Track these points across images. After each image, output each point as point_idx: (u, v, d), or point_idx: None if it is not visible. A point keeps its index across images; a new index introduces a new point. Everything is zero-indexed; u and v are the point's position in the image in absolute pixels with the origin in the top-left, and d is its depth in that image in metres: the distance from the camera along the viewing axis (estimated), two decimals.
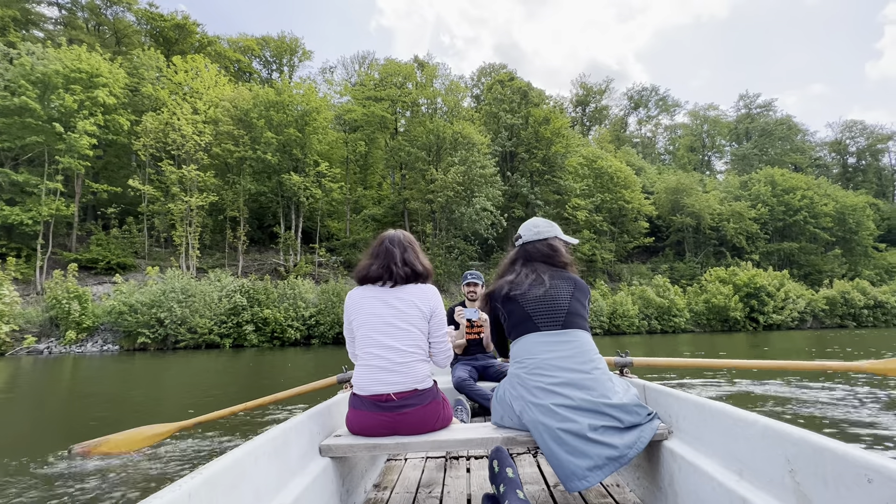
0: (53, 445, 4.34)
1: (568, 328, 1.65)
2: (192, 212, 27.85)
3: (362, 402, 1.70)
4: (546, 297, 1.70)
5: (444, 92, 38.48)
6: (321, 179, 30.82)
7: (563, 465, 1.43)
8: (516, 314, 1.74)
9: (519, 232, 1.97)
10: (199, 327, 20.27)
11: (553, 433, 1.48)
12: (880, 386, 6.44)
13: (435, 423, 1.74)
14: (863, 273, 39.11)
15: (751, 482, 1.20)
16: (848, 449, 0.93)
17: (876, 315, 33.44)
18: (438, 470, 2.25)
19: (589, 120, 64.79)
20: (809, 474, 1.02)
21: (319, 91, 37.85)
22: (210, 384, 9.18)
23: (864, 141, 61.30)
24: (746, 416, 1.26)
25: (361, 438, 1.69)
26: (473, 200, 32.02)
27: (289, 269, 30.00)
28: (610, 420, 1.48)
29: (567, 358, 1.60)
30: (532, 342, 1.67)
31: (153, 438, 1.99)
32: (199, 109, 28.54)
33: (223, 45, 41.85)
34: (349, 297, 1.84)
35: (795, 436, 1.07)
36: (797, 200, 41.41)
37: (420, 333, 1.77)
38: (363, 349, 1.74)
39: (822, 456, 0.98)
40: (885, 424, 4.31)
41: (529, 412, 1.57)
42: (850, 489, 0.91)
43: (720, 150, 64.59)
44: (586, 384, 1.56)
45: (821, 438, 1.01)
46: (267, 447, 1.31)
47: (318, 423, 1.74)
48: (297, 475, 1.47)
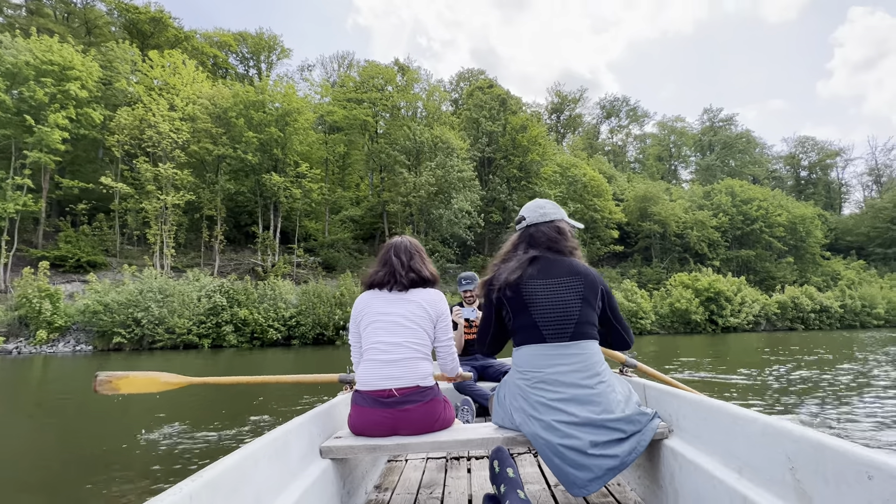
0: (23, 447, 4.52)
1: (576, 339, 1.59)
2: (167, 210, 27.41)
3: (364, 398, 1.73)
4: (556, 303, 1.62)
5: (425, 97, 39.12)
6: (301, 180, 30.86)
7: (565, 475, 1.44)
8: (522, 319, 1.65)
9: (522, 213, 1.84)
10: (178, 327, 20.14)
11: (554, 449, 1.46)
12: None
13: (435, 423, 1.75)
14: (811, 280, 42.06)
15: (751, 480, 1.20)
16: (848, 446, 0.93)
17: (822, 319, 36.14)
18: (439, 470, 2.25)
19: (563, 127, 66.71)
20: (810, 472, 1.01)
21: (300, 91, 37.79)
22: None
23: (815, 156, 65.69)
24: (746, 415, 1.26)
25: (362, 439, 1.71)
26: (452, 202, 32.70)
27: (267, 269, 29.89)
28: (612, 434, 1.47)
29: (572, 372, 1.56)
30: (537, 354, 1.61)
31: (167, 385, 2.11)
32: (177, 106, 28.12)
33: (199, 41, 41.08)
34: (358, 301, 1.89)
35: (796, 433, 1.06)
36: (754, 210, 44.16)
37: (425, 333, 1.81)
38: (368, 345, 1.79)
39: (822, 453, 0.98)
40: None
41: (530, 426, 1.55)
42: (850, 486, 0.91)
43: (686, 161, 67.73)
44: (590, 399, 1.52)
45: (821, 436, 1.00)
46: (267, 449, 1.31)
47: (318, 425, 1.75)
48: (298, 477, 1.47)
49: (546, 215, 1.78)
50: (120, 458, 4.10)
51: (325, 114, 36.04)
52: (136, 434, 4.73)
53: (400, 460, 2.46)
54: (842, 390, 6.60)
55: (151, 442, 4.48)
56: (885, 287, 41.16)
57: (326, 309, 23.14)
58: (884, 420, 4.74)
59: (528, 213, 1.81)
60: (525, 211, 1.83)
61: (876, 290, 39.62)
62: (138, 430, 4.89)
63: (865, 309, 37.42)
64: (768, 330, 34.52)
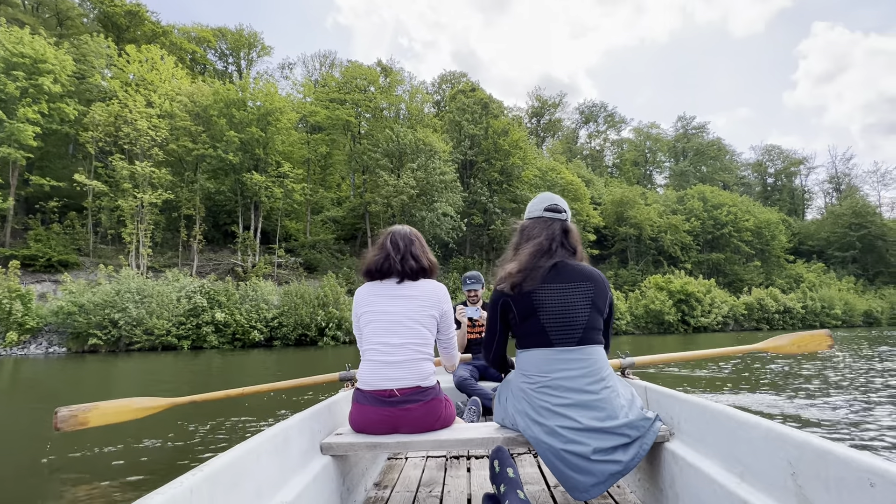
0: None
1: (583, 344, 1.58)
2: (143, 209, 26.84)
3: (365, 397, 1.72)
4: (565, 307, 1.59)
5: (408, 99, 39.36)
6: (283, 180, 30.65)
7: (567, 480, 1.43)
8: (530, 323, 1.62)
9: (556, 204, 1.75)
10: (157, 329, 19.82)
11: (557, 453, 1.46)
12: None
13: (436, 422, 1.74)
14: (776, 282, 44.16)
15: (752, 485, 1.20)
16: (850, 452, 0.92)
17: (785, 319, 38.06)
18: (439, 469, 2.25)
19: (543, 131, 67.97)
20: (811, 477, 1.01)
21: (282, 90, 37.51)
22: (166, 388, 8.79)
23: (781, 164, 68.86)
24: (748, 419, 1.26)
25: (362, 437, 1.70)
26: (434, 205, 33.03)
27: (247, 269, 29.56)
28: (616, 440, 1.46)
29: (578, 378, 1.55)
30: (543, 358, 1.59)
31: (144, 411, 1.89)
32: (154, 103, 27.56)
33: (178, 36, 40.24)
34: (357, 294, 1.86)
35: (797, 439, 1.06)
36: (724, 216, 46.06)
37: (427, 332, 1.80)
38: (369, 345, 1.77)
39: (824, 459, 0.97)
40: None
41: (533, 430, 1.53)
42: (852, 493, 0.90)
43: (660, 166, 69.88)
44: (595, 405, 1.51)
45: (823, 442, 1.00)
46: (268, 444, 1.32)
47: (319, 421, 1.75)
48: (298, 473, 1.47)
49: (559, 207, 1.73)
50: (101, 469, 3.84)
51: (307, 114, 35.86)
52: (114, 446, 4.27)
53: (400, 458, 2.45)
54: (800, 382, 7.24)
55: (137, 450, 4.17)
56: (842, 289, 43.60)
57: (309, 310, 23.12)
58: (818, 404, 5.33)
59: (565, 206, 1.76)
60: (560, 202, 1.75)
61: (834, 291, 41.95)
62: (121, 439, 4.48)
63: (825, 310, 39.60)
64: (736, 330, 36.13)
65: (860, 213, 52.00)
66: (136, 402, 1.90)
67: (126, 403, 1.88)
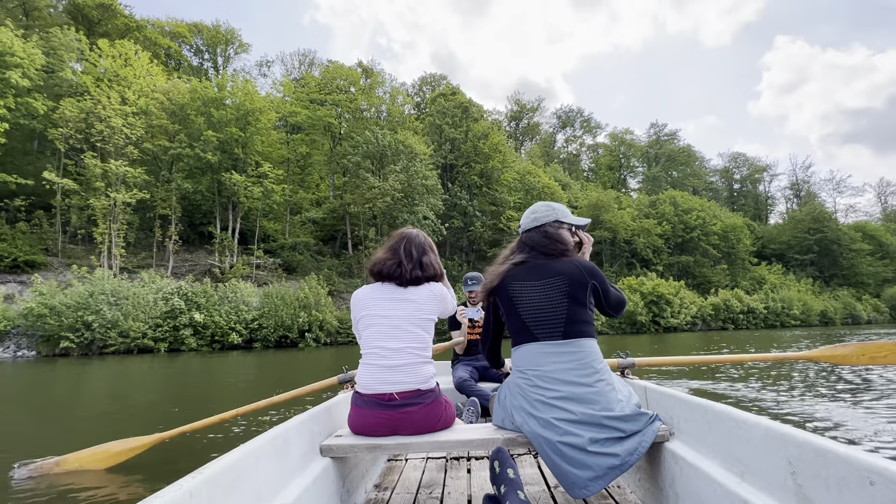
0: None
1: (569, 338, 1.62)
2: (116, 208, 26.15)
3: (365, 400, 1.72)
4: (542, 303, 1.65)
5: (389, 101, 39.53)
6: (263, 180, 30.36)
7: (565, 475, 1.43)
8: (514, 320, 1.71)
9: (522, 221, 1.89)
10: (133, 331, 19.44)
11: (553, 446, 1.47)
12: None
13: (436, 424, 1.74)
14: (741, 284, 46.31)
15: (752, 484, 1.20)
16: (850, 451, 0.93)
17: (749, 319, 40.02)
18: (439, 470, 2.25)
19: (522, 134, 69.16)
20: (811, 476, 1.01)
21: (261, 89, 37.10)
22: (140, 393, 8.44)
23: (746, 170, 72.15)
24: (748, 418, 1.26)
25: (362, 438, 1.70)
26: (416, 208, 33.32)
27: (224, 270, 29.16)
28: (612, 432, 1.47)
29: (569, 370, 1.58)
30: (532, 352, 1.64)
31: (123, 455, 1.74)
32: (129, 100, 26.89)
33: (152, 30, 39.22)
34: (356, 296, 1.85)
35: (797, 438, 1.06)
36: (693, 220, 48.01)
37: (426, 335, 1.81)
38: (368, 348, 1.77)
39: (823, 458, 0.98)
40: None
41: (530, 424, 1.55)
42: (852, 492, 0.91)
43: (634, 171, 72.05)
44: (589, 397, 1.53)
45: (823, 440, 1.00)
46: (267, 447, 1.32)
47: (318, 423, 1.75)
48: (298, 475, 1.48)
49: (536, 220, 1.82)
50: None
51: (287, 114, 35.58)
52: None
53: (400, 460, 2.45)
54: (760, 376, 7.93)
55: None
56: (801, 291, 46.11)
57: (290, 311, 23.06)
58: (773, 391, 5.96)
59: (523, 220, 1.88)
60: (522, 218, 1.89)
61: (794, 293, 44.34)
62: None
63: (785, 310, 41.82)
64: (703, 330, 37.77)
65: (818, 218, 55.09)
66: (114, 447, 1.67)
67: (101, 450, 1.65)
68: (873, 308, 48.32)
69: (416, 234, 1.95)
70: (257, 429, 4.73)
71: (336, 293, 29.91)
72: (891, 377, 7.20)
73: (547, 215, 1.82)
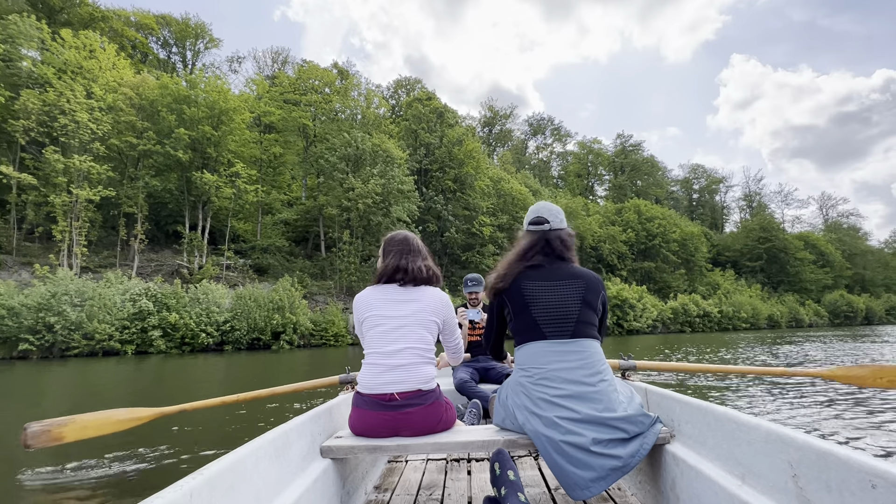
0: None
1: (577, 337, 1.63)
2: (79, 205, 25.19)
3: (365, 401, 1.72)
4: (557, 302, 1.66)
5: (365, 104, 39.66)
6: (236, 180, 29.90)
7: (567, 475, 1.43)
8: (523, 318, 1.69)
9: (542, 215, 1.84)
10: (98, 333, 18.88)
11: (556, 445, 1.46)
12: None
13: (437, 425, 1.74)
14: (697, 289, 49.04)
15: (753, 487, 1.20)
16: (852, 454, 0.92)
17: (704, 322, 42.51)
18: (439, 472, 2.25)
19: (494, 140, 70.57)
20: (812, 479, 1.01)
21: (233, 86, 36.46)
22: (111, 395, 8.23)
23: (704, 181, 76.28)
24: (749, 421, 1.26)
25: (362, 440, 1.70)
26: (391, 210, 33.59)
27: (193, 271, 28.53)
28: (615, 432, 1.47)
29: (574, 369, 1.59)
30: (539, 351, 1.64)
31: (127, 423, 1.77)
32: (95, 94, 25.97)
33: (118, 21, 37.81)
34: (359, 299, 1.85)
35: (798, 441, 1.06)
36: (655, 228, 50.48)
37: (429, 336, 1.81)
38: (371, 349, 1.77)
39: (825, 461, 0.98)
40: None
41: (533, 423, 1.55)
42: (853, 495, 0.90)
43: (601, 179, 74.77)
44: (592, 397, 1.54)
45: (824, 443, 1.00)
46: (268, 448, 1.33)
47: (319, 424, 1.75)
48: (298, 476, 1.48)
49: (562, 221, 1.83)
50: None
51: (262, 114, 35.14)
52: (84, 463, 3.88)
53: (400, 461, 2.45)
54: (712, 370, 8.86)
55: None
56: (752, 296, 49.31)
57: (264, 314, 22.92)
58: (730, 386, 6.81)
59: (550, 217, 1.83)
60: (545, 213, 1.84)
61: (745, 298, 47.38)
62: (107, 448, 4.20)
63: (736, 314, 44.63)
64: (663, 332, 39.83)
65: (767, 228, 59.06)
66: (118, 414, 1.75)
67: (107, 415, 1.71)
68: (814, 312, 52.22)
69: (413, 237, 1.97)
70: (258, 430, 4.49)
71: (309, 295, 29.79)
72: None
73: (564, 220, 1.86)
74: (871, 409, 5.59)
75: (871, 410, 5.50)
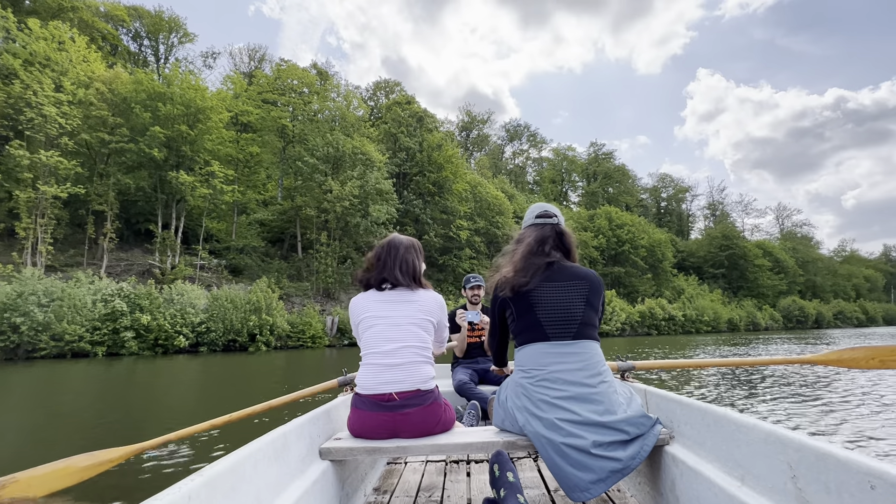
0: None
1: (578, 339, 1.62)
2: (45, 201, 24.35)
3: (364, 402, 1.72)
4: (560, 303, 1.65)
5: (345, 105, 39.68)
6: (212, 180, 29.47)
7: (567, 477, 1.42)
8: (527, 319, 1.68)
9: (548, 210, 1.85)
10: (68, 334, 18.41)
11: (556, 447, 1.46)
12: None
13: (436, 426, 1.74)
14: (664, 293, 51.20)
15: (752, 488, 1.20)
16: (851, 455, 0.92)
17: (670, 325, 44.49)
18: (438, 474, 2.24)
19: (472, 145, 71.56)
20: (812, 480, 1.01)
21: (207, 82, 35.84)
22: (76, 399, 7.88)
23: (672, 190, 79.53)
24: (748, 422, 1.26)
25: (362, 441, 1.70)
26: (370, 211, 33.76)
27: (165, 271, 27.95)
28: (615, 435, 1.46)
29: (575, 371, 1.58)
30: (540, 352, 1.63)
31: (90, 470, 1.47)
32: (65, 87, 25.17)
33: (87, 12, 36.55)
34: (355, 301, 1.86)
35: (797, 442, 1.06)
36: (625, 234, 52.42)
37: (426, 336, 1.81)
38: (368, 349, 1.77)
39: (824, 462, 0.98)
40: None
41: (533, 425, 1.54)
42: (853, 496, 0.90)
43: (574, 186, 76.86)
44: (593, 399, 1.53)
45: (823, 444, 1.00)
46: (267, 450, 1.32)
47: (318, 426, 1.75)
48: (297, 478, 1.48)
49: (562, 221, 1.83)
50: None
51: (239, 113, 34.72)
52: None
53: (399, 463, 2.46)
54: (676, 371, 9.68)
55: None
56: (714, 300, 51.86)
57: (240, 315, 22.78)
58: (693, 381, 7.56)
59: (557, 213, 1.84)
60: (551, 209, 1.85)
61: (707, 302, 49.80)
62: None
63: (699, 318, 46.88)
64: (631, 335, 41.46)
65: (728, 236, 62.21)
66: (82, 461, 1.44)
67: (64, 465, 1.40)
68: (770, 316, 55.36)
69: (408, 239, 1.97)
70: (256, 431, 4.79)
71: (285, 296, 29.64)
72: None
73: (558, 215, 1.85)
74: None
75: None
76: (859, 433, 4.57)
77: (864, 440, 4.34)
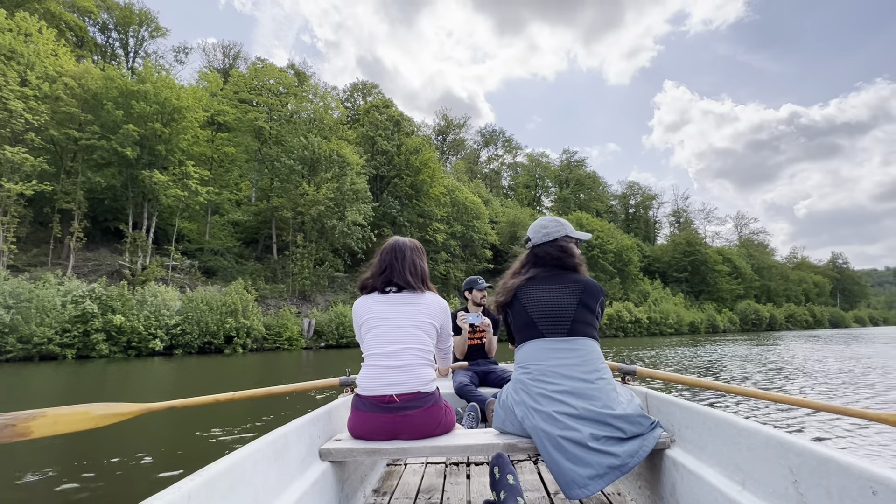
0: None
1: (573, 335, 1.65)
2: (10, 199, 23.52)
3: (364, 403, 1.72)
4: (552, 302, 1.69)
5: (322, 108, 39.70)
6: (187, 180, 29.05)
7: (564, 472, 1.43)
8: (521, 318, 1.74)
9: (528, 234, 1.93)
10: (36, 336, 17.98)
11: (554, 440, 1.47)
12: None
13: (436, 428, 1.74)
14: (630, 297, 53.36)
15: (753, 493, 1.19)
16: (852, 460, 0.92)
17: (635, 328, 46.50)
18: (438, 476, 2.24)
19: (448, 149, 72.44)
20: (813, 485, 1.00)
21: (178, 77, 35.18)
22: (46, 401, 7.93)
23: (639, 197, 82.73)
24: (749, 426, 1.25)
25: (362, 443, 1.70)
26: (346, 214, 33.93)
27: (136, 272, 27.35)
28: (612, 430, 1.47)
29: (572, 366, 1.60)
30: (537, 348, 1.67)
31: (106, 419, 1.57)
32: (31, 82, 24.38)
33: (54, 2, 35.24)
34: (358, 304, 1.86)
35: (799, 446, 1.05)
36: (594, 239, 54.34)
37: (428, 339, 1.81)
38: (370, 350, 1.77)
39: (825, 467, 0.97)
40: None
41: (531, 418, 1.56)
42: (854, 501, 0.90)
43: (547, 191, 78.82)
44: (590, 393, 1.55)
45: (825, 449, 0.99)
46: (267, 450, 1.32)
47: (318, 427, 1.75)
48: (297, 479, 1.48)
49: (549, 234, 1.86)
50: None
51: (215, 113, 34.27)
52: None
53: (399, 464, 2.45)
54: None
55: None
56: (677, 304, 54.43)
57: (216, 317, 22.67)
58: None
59: (532, 234, 1.90)
60: (530, 232, 1.92)
61: (671, 305, 52.24)
62: (96, 449, 4.08)
63: (663, 320, 49.17)
64: (599, 336, 43.10)
65: (691, 242, 65.35)
66: (97, 409, 1.56)
67: (82, 410, 1.52)
68: (728, 319, 58.51)
69: (412, 242, 1.99)
70: (256, 432, 4.57)
71: (261, 298, 29.49)
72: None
73: (558, 230, 1.88)
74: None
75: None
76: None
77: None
